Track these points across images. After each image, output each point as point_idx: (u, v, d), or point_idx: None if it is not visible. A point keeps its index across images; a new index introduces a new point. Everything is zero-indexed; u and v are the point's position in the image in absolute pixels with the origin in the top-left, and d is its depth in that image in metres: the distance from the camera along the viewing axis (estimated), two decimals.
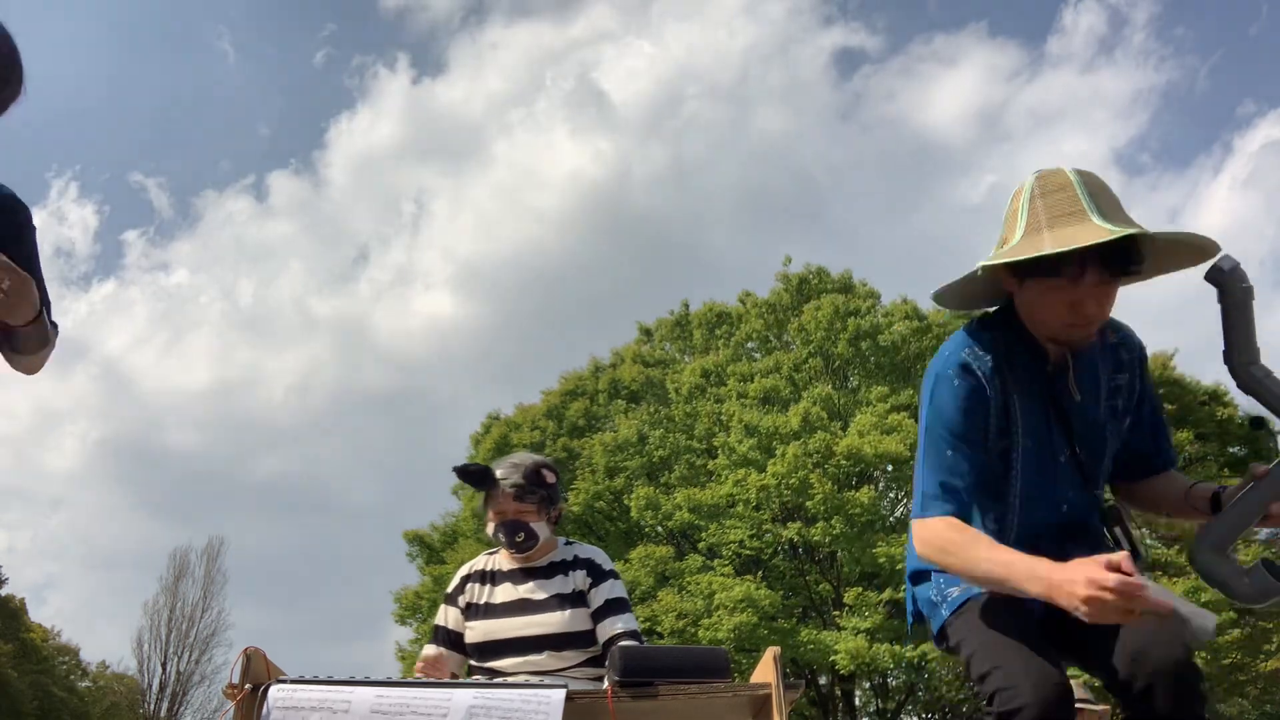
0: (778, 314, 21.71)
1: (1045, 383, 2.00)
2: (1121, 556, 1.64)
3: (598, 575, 2.93)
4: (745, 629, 16.36)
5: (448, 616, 3.00)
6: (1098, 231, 1.81)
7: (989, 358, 1.95)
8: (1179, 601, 1.64)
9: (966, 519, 1.90)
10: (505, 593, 2.94)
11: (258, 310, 50.84)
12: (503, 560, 3.02)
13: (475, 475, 2.96)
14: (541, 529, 2.93)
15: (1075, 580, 1.65)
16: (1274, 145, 43.59)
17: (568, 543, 3.04)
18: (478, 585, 3.00)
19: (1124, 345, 2.12)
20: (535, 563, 2.97)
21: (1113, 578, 1.62)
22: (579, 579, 2.92)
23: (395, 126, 51.97)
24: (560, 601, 2.88)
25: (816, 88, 47.02)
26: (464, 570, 3.07)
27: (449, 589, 3.06)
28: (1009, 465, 2.00)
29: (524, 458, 3.01)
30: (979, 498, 1.96)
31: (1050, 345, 1.99)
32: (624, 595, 2.93)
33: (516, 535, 2.90)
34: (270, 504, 53.97)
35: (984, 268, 1.94)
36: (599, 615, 2.87)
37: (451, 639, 2.97)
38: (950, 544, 1.87)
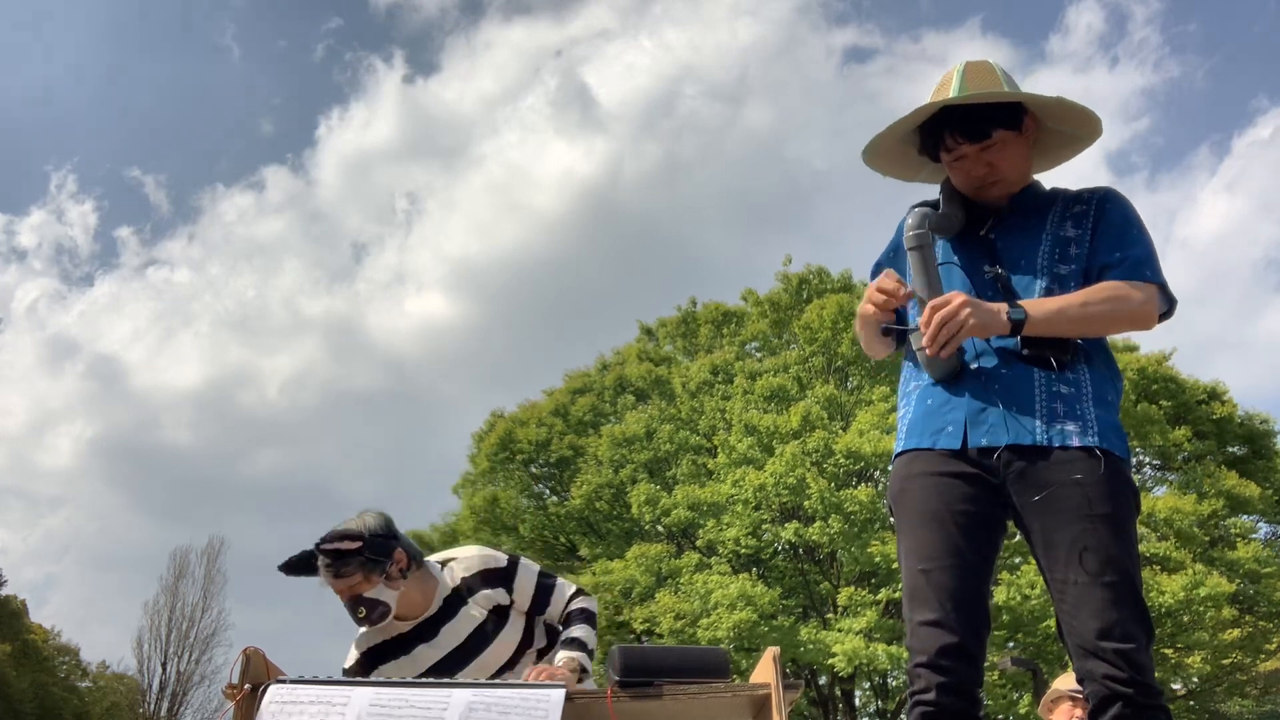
0: (779, 313, 21.73)
1: (979, 226, 2.28)
2: (889, 273, 2.19)
3: (503, 578, 2.73)
4: (744, 627, 16.34)
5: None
6: (923, 109, 2.21)
7: (916, 211, 2.28)
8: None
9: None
10: (427, 656, 2.71)
11: (253, 308, 50.81)
12: (397, 624, 2.73)
13: (299, 566, 2.66)
14: (383, 592, 2.60)
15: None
16: (1260, 144, 43.56)
17: (442, 565, 2.76)
18: (391, 664, 2.73)
19: (1079, 199, 2.28)
20: (429, 611, 2.71)
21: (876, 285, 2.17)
22: (487, 597, 2.72)
23: (390, 124, 51.94)
24: (489, 633, 2.71)
25: (811, 87, 47.00)
26: (358, 651, 2.76)
27: (346, 665, 2.77)
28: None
29: (330, 533, 2.64)
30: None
31: (984, 200, 2.29)
32: (537, 569, 2.75)
33: (358, 612, 2.60)
34: (270, 503, 53.95)
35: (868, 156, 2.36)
36: (537, 607, 2.73)
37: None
38: (857, 325, 2.39)
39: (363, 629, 2.75)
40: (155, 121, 58.51)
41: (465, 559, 2.77)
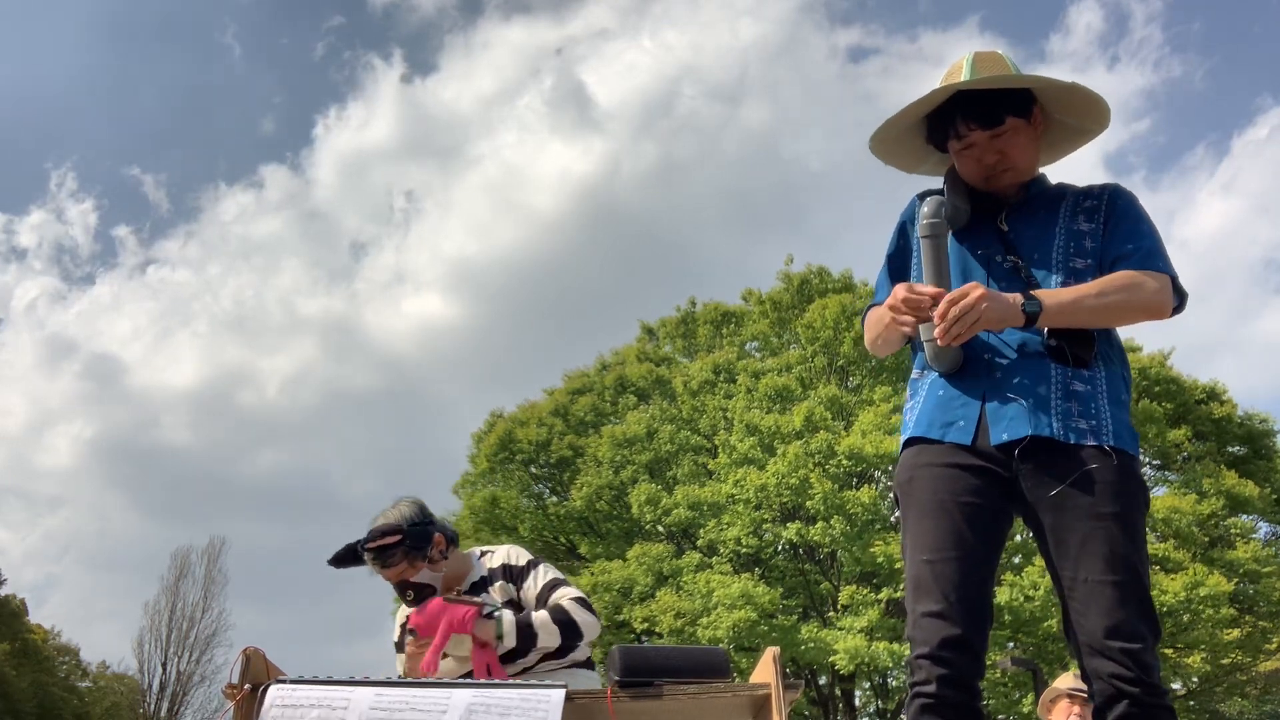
0: (780, 313, 21.74)
1: (991, 216, 2.27)
2: (907, 286, 2.10)
3: (518, 576, 2.91)
4: (744, 626, 16.35)
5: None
6: (936, 93, 2.18)
7: (932, 199, 2.24)
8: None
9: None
10: None
11: (251, 308, 50.78)
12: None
13: (347, 558, 2.86)
14: (426, 575, 2.83)
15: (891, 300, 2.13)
16: (1259, 144, 43.55)
17: (481, 554, 2.99)
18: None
19: (1088, 194, 2.27)
20: (460, 589, 2.91)
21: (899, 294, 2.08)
22: (503, 588, 2.89)
23: (388, 124, 51.88)
24: None
25: (810, 87, 46.97)
26: (400, 620, 2.99)
27: (395, 639, 3.00)
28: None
29: (374, 525, 2.86)
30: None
31: (994, 190, 2.27)
32: (555, 575, 2.90)
33: (406, 595, 2.84)
34: (270, 503, 53.97)
35: (873, 147, 2.35)
36: (541, 602, 2.85)
37: None
38: (867, 322, 2.38)
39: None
40: (155, 120, 58.56)
41: (498, 552, 2.99)
